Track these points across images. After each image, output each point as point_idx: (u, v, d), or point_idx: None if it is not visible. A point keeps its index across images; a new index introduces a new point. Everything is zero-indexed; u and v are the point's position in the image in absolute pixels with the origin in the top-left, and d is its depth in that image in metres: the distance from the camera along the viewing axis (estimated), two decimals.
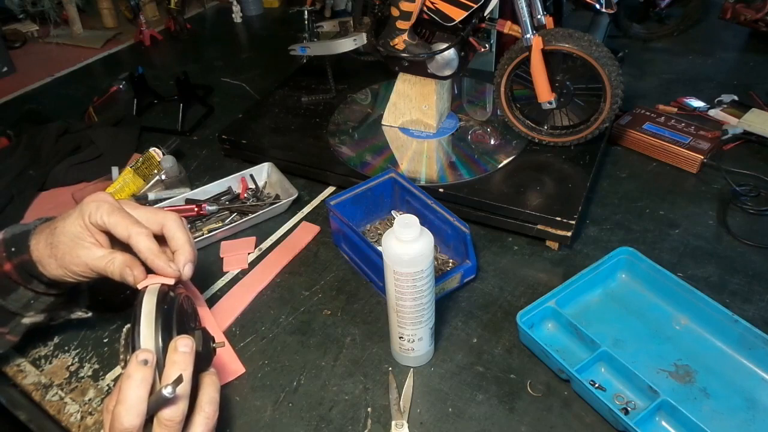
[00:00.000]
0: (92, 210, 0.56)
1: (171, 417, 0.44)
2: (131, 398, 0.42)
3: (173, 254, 0.57)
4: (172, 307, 0.52)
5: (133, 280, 0.54)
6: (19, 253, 0.57)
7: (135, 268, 0.54)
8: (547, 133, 0.92)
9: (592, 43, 0.81)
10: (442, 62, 0.91)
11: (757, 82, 1.16)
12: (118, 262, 0.54)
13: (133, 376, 0.43)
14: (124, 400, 0.42)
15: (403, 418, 0.61)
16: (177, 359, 0.46)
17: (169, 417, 0.44)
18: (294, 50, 1.08)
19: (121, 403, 0.42)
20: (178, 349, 0.46)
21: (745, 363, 0.64)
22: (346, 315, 0.75)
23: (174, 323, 0.50)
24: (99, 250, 0.56)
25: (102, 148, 1.06)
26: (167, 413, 0.44)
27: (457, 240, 0.77)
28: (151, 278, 0.55)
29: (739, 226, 0.84)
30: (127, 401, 0.42)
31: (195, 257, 0.58)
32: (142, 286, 0.54)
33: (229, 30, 1.70)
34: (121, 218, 0.56)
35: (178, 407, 0.45)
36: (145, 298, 0.51)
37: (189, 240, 0.58)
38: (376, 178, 0.84)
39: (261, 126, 1.05)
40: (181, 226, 0.58)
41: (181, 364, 0.46)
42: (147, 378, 0.44)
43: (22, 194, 0.98)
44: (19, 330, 0.62)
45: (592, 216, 0.88)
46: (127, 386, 0.43)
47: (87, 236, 0.56)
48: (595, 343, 0.64)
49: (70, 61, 1.56)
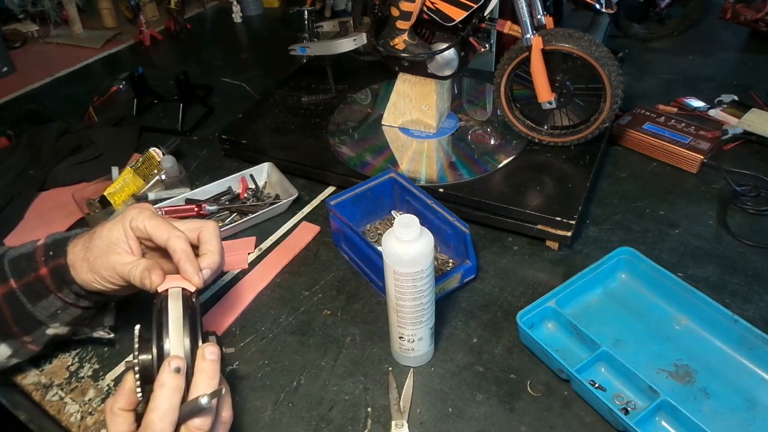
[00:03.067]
0: (134, 215, 0.57)
1: (201, 426, 0.45)
2: (165, 406, 0.43)
3: (199, 257, 0.57)
4: (196, 312, 0.51)
5: (149, 283, 0.53)
6: (56, 257, 0.58)
7: (153, 273, 0.54)
8: (547, 133, 0.92)
9: (592, 43, 0.81)
10: (442, 62, 0.91)
11: (757, 82, 1.16)
12: (141, 266, 0.54)
13: (167, 385, 0.43)
14: (158, 408, 0.43)
15: (403, 418, 0.61)
16: (205, 367, 0.46)
17: (199, 426, 0.45)
18: (294, 50, 1.08)
19: (155, 411, 0.42)
20: (207, 357, 0.46)
21: (745, 363, 0.64)
22: (346, 315, 0.75)
23: (199, 329, 0.50)
24: (129, 256, 0.56)
25: (102, 148, 1.06)
26: (198, 422, 0.45)
27: (457, 240, 0.77)
28: (169, 280, 0.54)
29: (739, 226, 0.84)
30: (161, 409, 0.43)
31: (218, 268, 0.57)
32: (162, 289, 0.53)
33: (229, 30, 1.70)
34: (160, 222, 0.57)
35: (209, 416, 0.45)
36: (171, 304, 0.50)
37: (219, 250, 0.58)
38: (376, 178, 0.84)
39: (261, 126, 1.05)
40: (216, 235, 0.58)
41: (210, 372, 0.46)
42: (180, 386, 0.44)
43: (22, 194, 0.98)
44: (41, 340, 0.62)
45: (592, 216, 0.88)
46: (161, 394, 0.43)
47: (123, 242, 0.57)
48: (595, 343, 0.64)
49: (70, 61, 1.56)
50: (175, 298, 0.51)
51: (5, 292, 0.58)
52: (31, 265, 0.58)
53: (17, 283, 0.58)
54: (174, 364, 0.44)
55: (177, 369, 0.44)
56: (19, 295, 0.58)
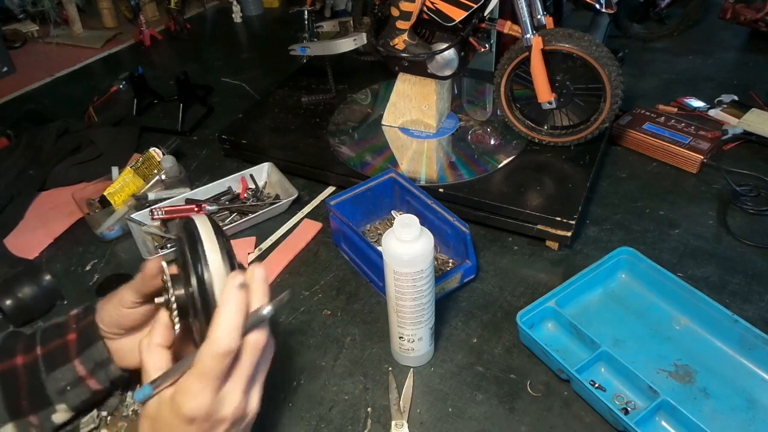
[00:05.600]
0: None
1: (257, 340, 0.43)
2: (233, 321, 0.41)
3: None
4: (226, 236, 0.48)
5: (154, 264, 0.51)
6: (86, 316, 0.57)
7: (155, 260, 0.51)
8: (547, 133, 0.92)
9: (592, 43, 0.81)
10: (442, 62, 0.91)
11: (757, 82, 1.16)
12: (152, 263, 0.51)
13: (233, 299, 0.41)
14: (225, 323, 0.41)
15: (403, 418, 0.61)
16: (256, 287, 0.44)
17: (255, 340, 0.43)
18: (294, 50, 1.08)
19: (221, 326, 0.41)
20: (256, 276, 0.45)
21: (745, 363, 0.64)
22: (346, 315, 0.75)
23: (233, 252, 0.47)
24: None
25: (102, 148, 1.06)
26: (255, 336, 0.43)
27: (457, 240, 0.77)
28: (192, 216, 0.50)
29: (739, 226, 0.84)
30: (229, 324, 0.41)
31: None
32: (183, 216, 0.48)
33: (229, 30, 1.70)
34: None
35: (265, 330, 0.44)
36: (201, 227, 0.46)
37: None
38: (376, 178, 0.84)
39: (261, 126, 1.05)
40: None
41: (260, 292, 0.44)
42: (245, 301, 0.42)
43: (22, 194, 0.98)
44: (47, 426, 0.59)
45: (592, 216, 0.88)
46: (228, 309, 0.41)
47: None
48: (595, 343, 0.64)
49: (70, 61, 1.56)
50: (203, 222, 0.46)
51: (28, 361, 0.57)
52: (61, 331, 0.57)
53: (42, 350, 0.57)
54: (238, 279, 0.42)
55: (241, 285, 0.42)
56: (40, 362, 0.57)
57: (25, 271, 0.78)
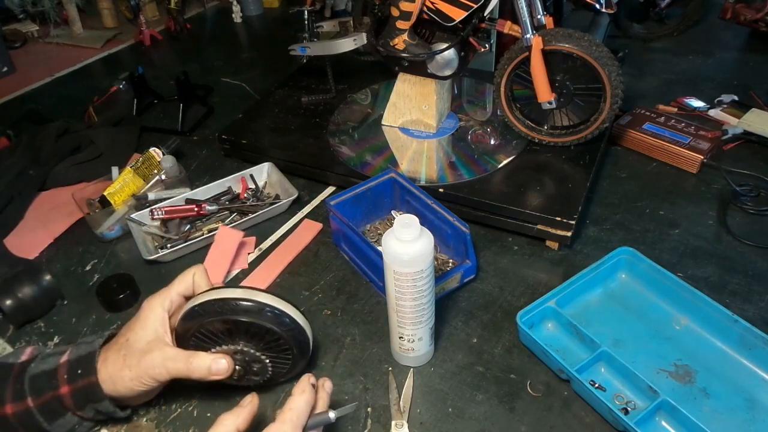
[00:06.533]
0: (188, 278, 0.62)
1: None
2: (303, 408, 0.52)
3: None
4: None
5: (218, 368, 0.58)
6: (85, 375, 0.56)
7: (219, 358, 0.58)
8: (547, 133, 0.92)
9: (592, 43, 0.81)
10: (442, 62, 0.91)
11: (757, 82, 1.16)
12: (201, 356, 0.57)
13: (307, 392, 0.53)
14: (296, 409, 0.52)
15: (403, 418, 0.61)
16: (322, 396, 0.55)
17: None
18: (294, 50, 1.08)
19: (293, 410, 0.52)
20: (325, 388, 0.56)
21: (745, 363, 0.64)
22: (346, 315, 0.75)
23: None
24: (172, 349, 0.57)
25: (102, 148, 1.06)
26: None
27: (457, 240, 0.77)
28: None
29: (739, 226, 0.84)
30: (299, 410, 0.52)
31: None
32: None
33: (229, 30, 1.70)
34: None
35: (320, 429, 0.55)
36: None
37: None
38: (376, 178, 0.84)
39: (261, 126, 1.05)
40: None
41: (323, 399, 0.55)
42: (313, 398, 0.54)
43: (22, 194, 0.98)
44: None
45: (592, 216, 0.88)
46: (301, 399, 0.52)
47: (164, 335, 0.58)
48: (595, 343, 0.64)
49: (70, 61, 1.56)
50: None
51: (20, 410, 0.56)
52: (51, 383, 0.56)
53: (34, 401, 0.56)
54: (312, 379, 0.55)
55: (313, 385, 0.54)
56: (35, 413, 0.56)
57: (25, 271, 0.78)
